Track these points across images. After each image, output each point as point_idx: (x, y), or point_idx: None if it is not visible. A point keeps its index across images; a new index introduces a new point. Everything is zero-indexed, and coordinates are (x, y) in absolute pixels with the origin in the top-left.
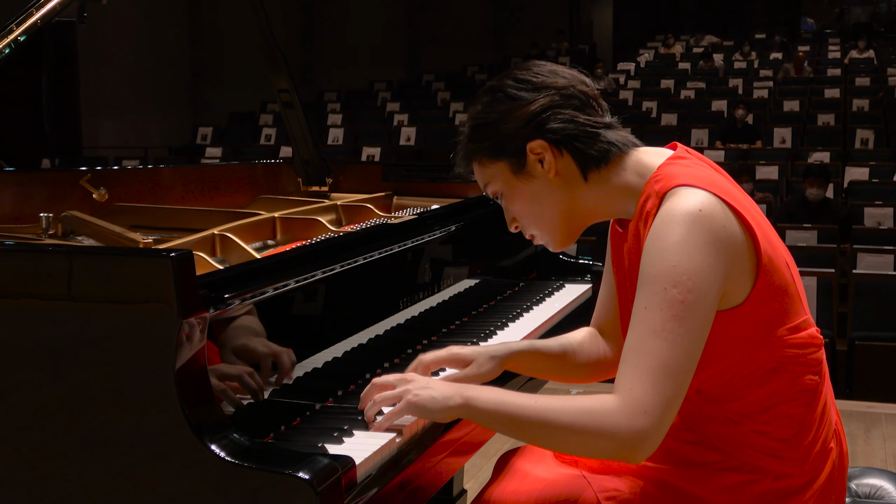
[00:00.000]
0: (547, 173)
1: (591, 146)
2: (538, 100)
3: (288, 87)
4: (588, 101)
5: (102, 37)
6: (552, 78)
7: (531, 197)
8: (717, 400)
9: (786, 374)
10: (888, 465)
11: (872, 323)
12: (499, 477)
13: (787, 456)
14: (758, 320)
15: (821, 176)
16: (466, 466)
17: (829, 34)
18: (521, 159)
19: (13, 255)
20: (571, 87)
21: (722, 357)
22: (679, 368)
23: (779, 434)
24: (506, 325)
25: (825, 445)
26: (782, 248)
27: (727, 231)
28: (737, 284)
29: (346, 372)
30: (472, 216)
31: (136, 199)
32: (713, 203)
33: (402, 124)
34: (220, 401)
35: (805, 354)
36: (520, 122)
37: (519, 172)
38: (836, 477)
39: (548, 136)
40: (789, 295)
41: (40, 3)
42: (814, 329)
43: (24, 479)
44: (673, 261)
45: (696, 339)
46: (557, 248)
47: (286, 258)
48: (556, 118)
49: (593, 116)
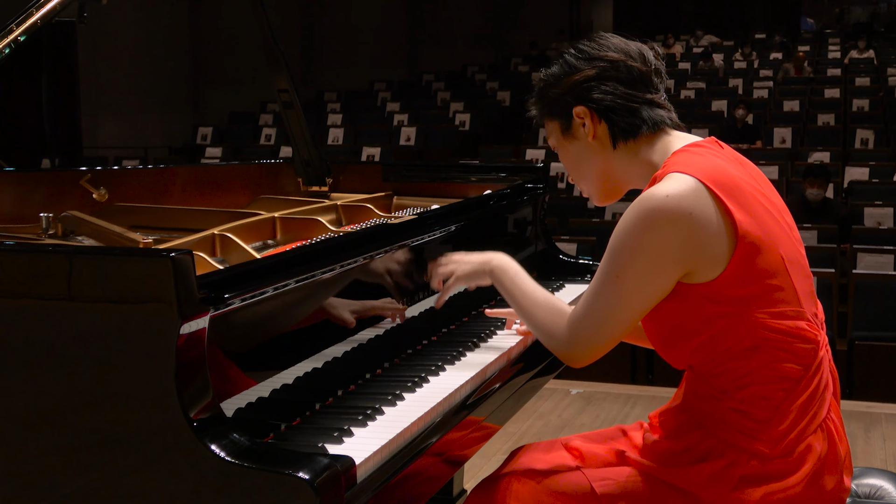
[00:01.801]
0: (587, 136)
1: (623, 118)
2: (586, 70)
3: (288, 87)
4: (635, 77)
5: (102, 37)
6: (606, 51)
7: (575, 155)
8: (703, 376)
9: (764, 356)
10: (888, 465)
11: (872, 323)
12: (508, 464)
13: (761, 437)
14: (735, 298)
15: (821, 176)
16: (466, 466)
17: (829, 34)
18: (568, 121)
19: (13, 255)
20: (621, 62)
21: (702, 328)
22: (613, 321)
23: (755, 414)
24: (505, 325)
25: (802, 436)
26: (787, 242)
27: (693, 216)
28: (708, 262)
29: (346, 372)
30: (472, 216)
31: (136, 199)
32: (689, 190)
33: (402, 124)
34: (220, 400)
35: (789, 342)
36: (568, 88)
37: (566, 132)
38: (823, 476)
39: (589, 104)
40: (777, 283)
41: (40, 3)
42: (805, 323)
43: (24, 479)
44: (620, 237)
45: (630, 305)
46: (598, 203)
47: (286, 258)
48: (599, 88)
49: (638, 91)
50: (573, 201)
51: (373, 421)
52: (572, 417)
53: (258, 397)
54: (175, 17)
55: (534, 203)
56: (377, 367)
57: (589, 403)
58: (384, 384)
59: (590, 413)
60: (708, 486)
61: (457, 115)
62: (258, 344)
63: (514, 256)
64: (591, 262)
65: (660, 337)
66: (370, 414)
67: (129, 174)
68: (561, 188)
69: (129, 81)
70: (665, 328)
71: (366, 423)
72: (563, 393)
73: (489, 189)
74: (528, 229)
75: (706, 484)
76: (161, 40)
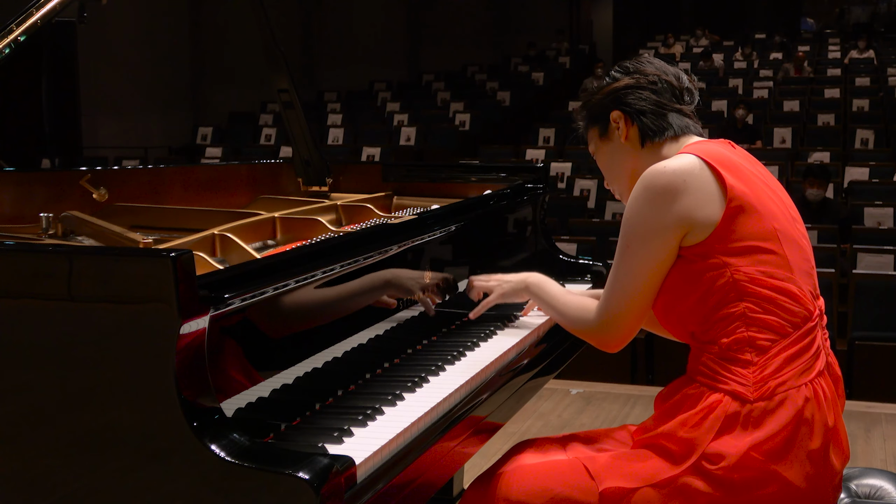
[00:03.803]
0: (620, 137)
1: (653, 121)
2: (624, 79)
3: (288, 87)
4: (667, 89)
5: (102, 37)
6: (645, 66)
7: (609, 156)
8: (700, 340)
9: (750, 305)
10: (888, 465)
11: (872, 323)
12: (503, 459)
13: (744, 381)
14: (723, 251)
15: (821, 176)
16: (466, 466)
17: (829, 34)
18: (606, 125)
19: (13, 255)
20: (657, 75)
21: (694, 287)
22: (632, 294)
23: (740, 358)
24: (506, 326)
25: (783, 385)
26: (786, 222)
27: (687, 183)
28: (702, 224)
29: (345, 372)
30: (472, 216)
31: (136, 199)
32: (686, 163)
33: (402, 124)
34: (220, 400)
35: (775, 297)
36: (607, 94)
37: (603, 136)
38: (811, 437)
39: (623, 109)
40: (767, 247)
41: (40, 3)
42: (796, 289)
43: (24, 479)
44: (626, 212)
45: (643, 273)
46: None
47: (286, 258)
48: (634, 95)
49: (668, 102)
50: (573, 201)
51: (373, 421)
52: (572, 417)
53: (258, 397)
54: (175, 18)
55: (534, 203)
56: (377, 367)
57: (589, 403)
58: (384, 384)
59: (590, 413)
60: (692, 433)
61: (457, 115)
62: (258, 344)
63: (514, 256)
64: (591, 262)
65: (661, 304)
66: (370, 414)
67: (129, 174)
68: (561, 188)
69: (129, 81)
70: (665, 293)
71: (366, 423)
72: (563, 393)
73: (489, 189)
74: (528, 229)
75: (690, 431)
76: (161, 40)
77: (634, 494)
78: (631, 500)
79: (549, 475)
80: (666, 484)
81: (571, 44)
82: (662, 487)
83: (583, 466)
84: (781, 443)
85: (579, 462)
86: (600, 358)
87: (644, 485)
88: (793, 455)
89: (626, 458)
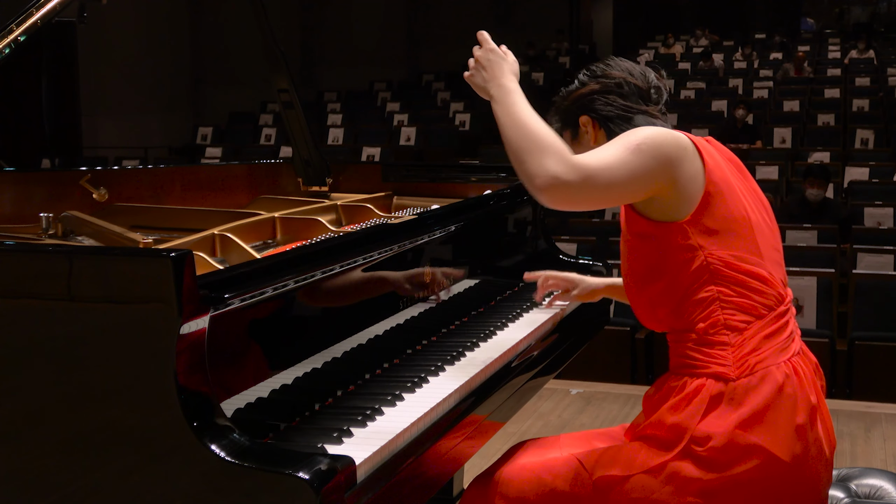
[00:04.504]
0: (590, 142)
1: (619, 126)
2: (591, 85)
3: (288, 87)
4: (634, 91)
5: (102, 37)
6: (611, 69)
7: None
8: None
9: (724, 289)
10: (888, 465)
11: (872, 323)
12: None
13: (725, 362)
14: (700, 232)
15: (821, 176)
16: (466, 466)
17: (829, 34)
18: (576, 129)
19: (13, 255)
20: (622, 78)
21: (667, 267)
22: (609, 181)
23: (718, 340)
24: (506, 325)
25: (763, 361)
26: (757, 214)
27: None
28: (683, 196)
29: (345, 372)
30: (472, 216)
31: (136, 199)
32: (677, 135)
33: (402, 124)
34: (220, 400)
35: (746, 281)
36: (574, 100)
37: (575, 139)
38: (794, 411)
39: (591, 114)
40: (740, 231)
41: (40, 3)
42: (766, 273)
43: (24, 479)
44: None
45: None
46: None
47: (286, 258)
48: (600, 101)
49: (634, 104)
50: None
51: (372, 421)
52: (572, 417)
53: (258, 397)
54: (175, 18)
55: (534, 203)
56: (377, 367)
57: (589, 403)
58: (384, 384)
59: (590, 413)
60: (679, 417)
61: (457, 115)
62: (258, 344)
63: (514, 256)
64: (591, 262)
65: (633, 283)
66: (370, 414)
67: (129, 174)
68: None
69: (129, 81)
70: (638, 268)
71: (365, 423)
72: (563, 393)
73: (489, 189)
74: (528, 229)
75: (677, 416)
76: (161, 40)
77: (627, 482)
78: (623, 488)
79: (545, 472)
80: (657, 470)
81: (571, 44)
82: (654, 474)
83: (577, 461)
84: (764, 415)
85: (573, 457)
86: (600, 358)
87: (636, 472)
88: (777, 428)
89: (617, 449)
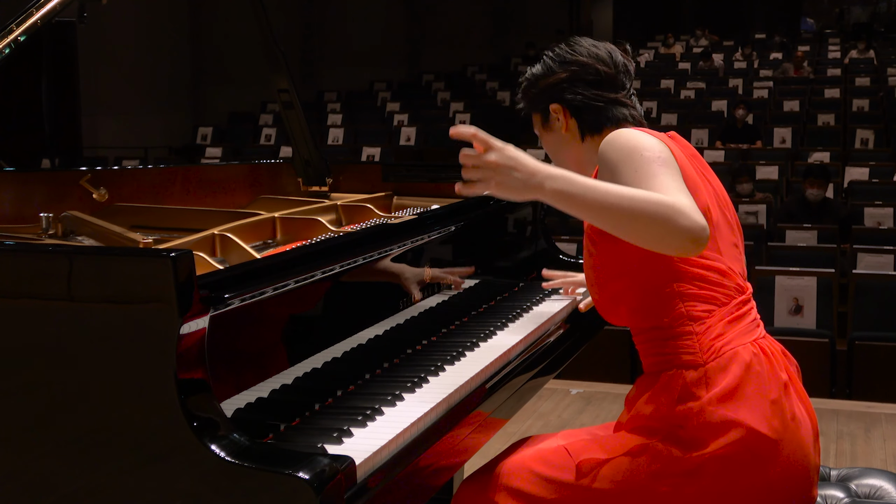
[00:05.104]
0: (561, 129)
1: (590, 116)
2: (560, 73)
3: (288, 87)
4: (602, 79)
5: (102, 37)
6: (578, 55)
7: (553, 145)
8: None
9: (685, 283)
10: (888, 465)
11: (872, 323)
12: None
13: (693, 350)
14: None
15: (821, 176)
16: (466, 466)
17: (829, 34)
18: (547, 115)
19: (13, 255)
20: (591, 65)
21: (626, 268)
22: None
23: (684, 331)
24: (506, 325)
25: (730, 343)
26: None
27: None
28: None
29: (345, 372)
30: (472, 216)
31: (136, 199)
32: (654, 136)
33: (402, 124)
34: (220, 400)
35: (706, 275)
36: (544, 88)
37: (545, 124)
38: (757, 381)
39: (562, 103)
40: None
41: (40, 3)
42: (725, 267)
43: (24, 479)
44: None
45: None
46: None
47: (286, 258)
48: (571, 90)
49: (604, 92)
50: None
51: (372, 421)
52: (572, 417)
53: (258, 397)
54: (175, 18)
55: (534, 203)
56: (377, 367)
57: (589, 403)
58: (384, 384)
59: (590, 413)
60: (656, 406)
61: (457, 115)
62: (258, 344)
63: (514, 256)
64: None
65: (595, 277)
66: (370, 414)
67: (129, 174)
68: None
69: (129, 81)
70: (600, 266)
71: (365, 423)
72: (563, 393)
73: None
74: (528, 229)
75: (655, 405)
76: (161, 40)
77: (608, 465)
78: (606, 471)
79: (534, 461)
80: (638, 452)
81: None
82: (636, 456)
83: (563, 449)
84: (736, 391)
85: (561, 447)
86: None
87: (617, 455)
88: (751, 403)
89: (602, 437)
